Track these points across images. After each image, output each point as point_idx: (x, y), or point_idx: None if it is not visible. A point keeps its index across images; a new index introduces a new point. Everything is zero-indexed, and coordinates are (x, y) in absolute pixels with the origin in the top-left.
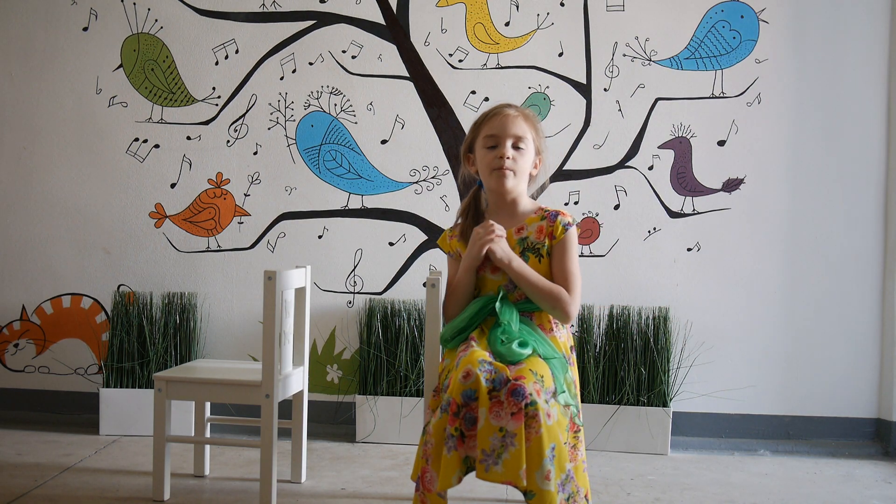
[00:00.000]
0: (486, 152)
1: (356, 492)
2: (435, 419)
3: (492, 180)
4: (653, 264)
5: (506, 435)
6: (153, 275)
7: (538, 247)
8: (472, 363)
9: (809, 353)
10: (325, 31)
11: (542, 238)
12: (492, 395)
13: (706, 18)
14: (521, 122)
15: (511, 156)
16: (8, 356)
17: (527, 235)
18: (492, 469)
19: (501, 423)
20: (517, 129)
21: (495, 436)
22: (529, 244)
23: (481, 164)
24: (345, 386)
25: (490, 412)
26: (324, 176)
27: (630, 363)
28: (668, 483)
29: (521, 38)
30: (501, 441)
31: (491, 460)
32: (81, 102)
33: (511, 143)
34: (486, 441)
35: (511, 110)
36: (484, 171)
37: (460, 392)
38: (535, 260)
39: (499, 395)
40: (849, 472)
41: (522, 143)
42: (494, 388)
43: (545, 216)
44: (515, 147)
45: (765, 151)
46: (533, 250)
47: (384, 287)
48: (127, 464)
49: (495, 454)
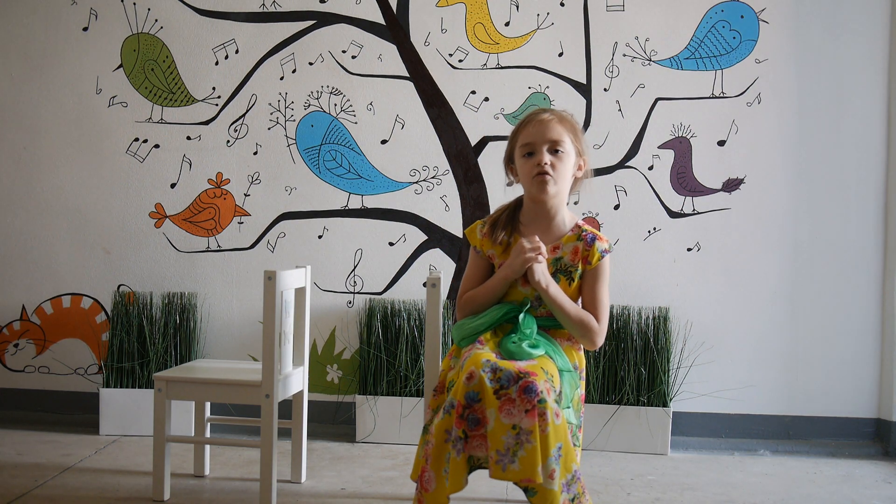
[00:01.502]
0: (525, 161)
1: (356, 492)
2: (437, 419)
3: (533, 188)
4: (653, 264)
5: (520, 432)
6: (153, 275)
7: (570, 270)
8: (476, 365)
9: (809, 352)
10: (325, 31)
11: (576, 262)
12: (499, 394)
13: (706, 18)
14: (556, 125)
15: (549, 161)
16: (8, 356)
17: (561, 256)
18: (508, 468)
19: (514, 421)
20: (553, 134)
21: (509, 434)
22: (563, 266)
23: (521, 172)
24: (345, 386)
25: (500, 411)
26: (324, 176)
27: (630, 363)
28: (668, 483)
29: (521, 38)
30: (516, 439)
31: (507, 459)
32: (81, 102)
33: (547, 147)
34: (500, 441)
35: (546, 115)
36: (525, 179)
37: (464, 394)
38: (565, 282)
39: (508, 392)
40: (849, 472)
41: (560, 147)
42: (502, 386)
43: (581, 237)
44: (553, 151)
45: (765, 151)
46: (565, 272)
47: (384, 287)
48: (127, 464)
49: (510, 452)
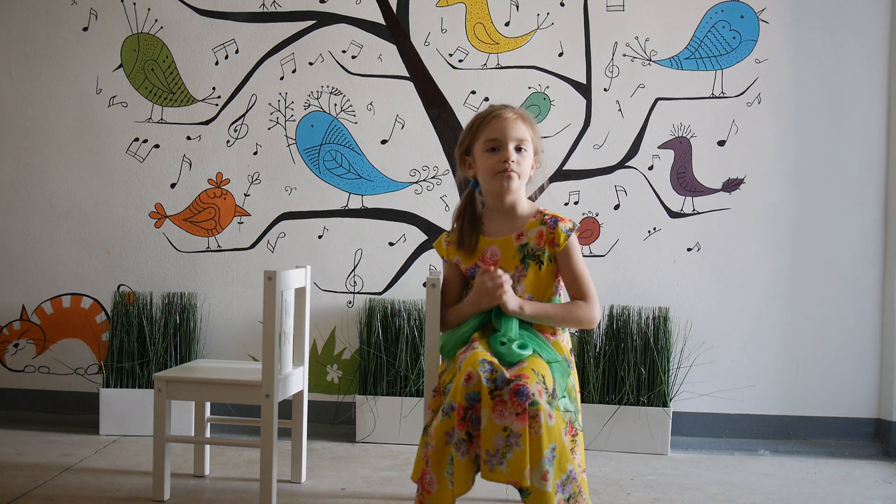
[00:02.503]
0: (488, 156)
1: (356, 492)
2: (436, 421)
3: (495, 183)
4: (653, 264)
5: (510, 435)
6: (153, 275)
7: (538, 254)
8: (473, 365)
9: (809, 353)
10: (325, 31)
11: (542, 245)
12: (493, 394)
13: (706, 18)
14: (521, 124)
15: (514, 159)
16: (8, 356)
17: (526, 242)
18: (496, 469)
19: (505, 423)
20: (519, 132)
21: (499, 436)
22: (529, 251)
23: (482, 167)
24: (345, 386)
25: (493, 412)
26: (324, 176)
27: (630, 363)
28: (668, 483)
29: (521, 38)
30: (506, 441)
31: (495, 460)
32: (81, 102)
33: (513, 145)
34: (490, 441)
35: (510, 113)
36: (486, 174)
37: (464, 395)
38: (535, 267)
39: (501, 394)
40: (849, 472)
41: (524, 146)
42: (496, 387)
43: (544, 221)
44: (517, 150)
45: (765, 151)
46: (533, 257)
47: (384, 287)
48: (127, 464)
49: (500, 454)
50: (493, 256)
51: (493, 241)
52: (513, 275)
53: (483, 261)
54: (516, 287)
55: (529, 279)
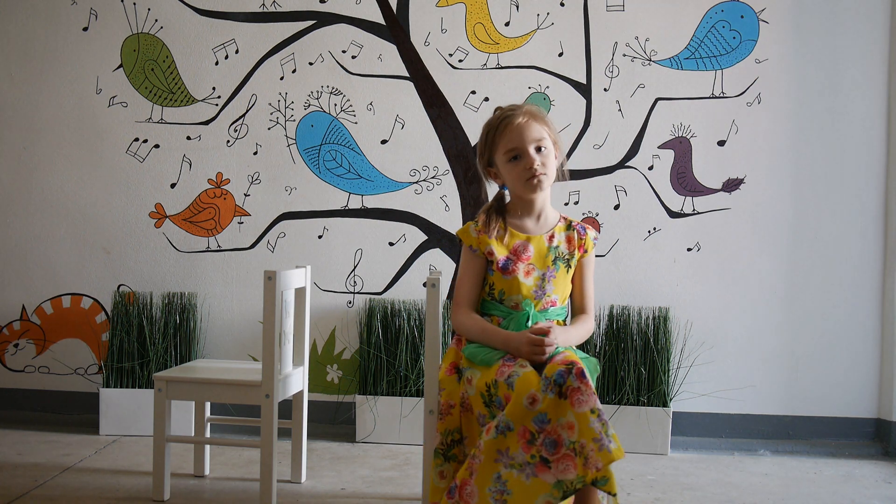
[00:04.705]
0: (513, 166)
1: (356, 492)
2: (487, 437)
3: (527, 190)
4: (653, 264)
5: (600, 413)
6: (153, 275)
7: (568, 258)
8: (535, 386)
9: (809, 353)
10: (325, 31)
11: (572, 250)
12: (563, 390)
13: (706, 18)
14: (534, 124)
15: (539, 161)
16: (8, 356)
17: (558, 244)
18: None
19: (591, 405)
20: (535, 133)
21: (593, 420)
22: (560, 254)
23: (509, 177)
24: (345, 386)
25: (573, 405)
26: (324, 176)
27: (630, 363)
28: (668, 483)
29: (521, 38)
30: (600, 420)
31: (605, 441)
32: (81, 102)
33: (533, 148)
34: (589, 430)
35: (521, 116)
36: (515, 183)
37: (531, 419)
38: (563, 269)
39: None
40: (849, 472)
41: (543, 144)
42: (563, 384)
43: (571, 226)
44: (538, 150)
45: (765, 151)
46: (563, 260)
47: (384, 287)
48: (127, 464)
49: (604, 433)
50: (526, 251)
51: (524, 237)
52: (544, 273)
53: (515, 254)
54: (545, 286)
55: (559, 280)
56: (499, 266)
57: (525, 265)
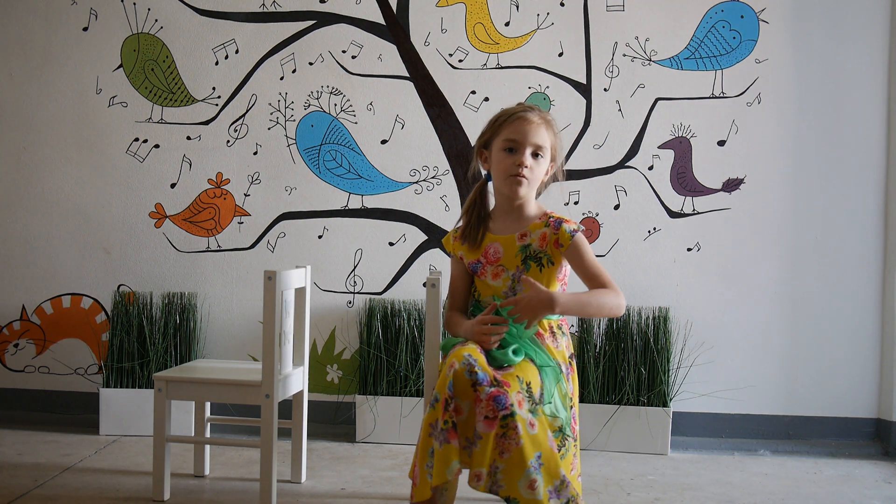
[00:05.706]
0: (505, 156)
1: (356, 492)
2: (425, 415)
3: (505, 186)
4: (653, 264)
5: (474, 433)
6: (153, 275)
7: (540, 256)
8: (458, 357)
9: (809, 353)
10: (325, 31)
11: (545, 247)
12: (477, 388)
13: (706, 18)
14: (543, 130)
15: (529, 165)
16: (8, 356)
17: (529, 243)
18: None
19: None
20: (539, 139)
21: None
22: (531, 252)
23: (497, 165)
24: (345, 386)
25: (475, 405)
26: (324, 176)
27: (630, 363)
28: (668, 483)
29: (521, 38)
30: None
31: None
32: (81, 102)
33: (531, 151)
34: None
35: (535, 116)
36: (499, 173)
37: (446, 385)
38: (535, 269)
39: (482, 390)
40: (849, 472)
41: (542, 152)
42: (477, 381)
43: (549, 223)
44: (534, 155)
45: (765, 151)
46: (535, 259)
47: (384, 287)
48: (127, 464)
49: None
50: (496, 253)
51: (496, 238)
52: (514, 274)
53: (486, 256)
54: (515, 287)
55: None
56: (469, 269)
57: (493, 267)
